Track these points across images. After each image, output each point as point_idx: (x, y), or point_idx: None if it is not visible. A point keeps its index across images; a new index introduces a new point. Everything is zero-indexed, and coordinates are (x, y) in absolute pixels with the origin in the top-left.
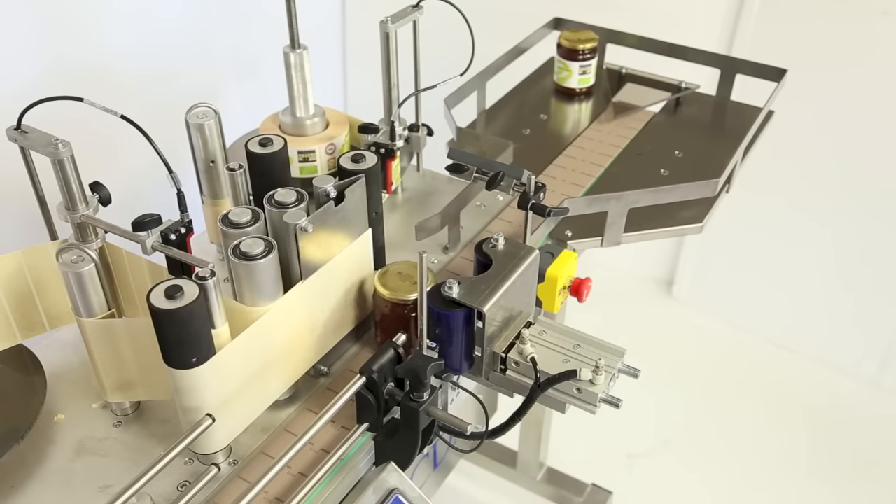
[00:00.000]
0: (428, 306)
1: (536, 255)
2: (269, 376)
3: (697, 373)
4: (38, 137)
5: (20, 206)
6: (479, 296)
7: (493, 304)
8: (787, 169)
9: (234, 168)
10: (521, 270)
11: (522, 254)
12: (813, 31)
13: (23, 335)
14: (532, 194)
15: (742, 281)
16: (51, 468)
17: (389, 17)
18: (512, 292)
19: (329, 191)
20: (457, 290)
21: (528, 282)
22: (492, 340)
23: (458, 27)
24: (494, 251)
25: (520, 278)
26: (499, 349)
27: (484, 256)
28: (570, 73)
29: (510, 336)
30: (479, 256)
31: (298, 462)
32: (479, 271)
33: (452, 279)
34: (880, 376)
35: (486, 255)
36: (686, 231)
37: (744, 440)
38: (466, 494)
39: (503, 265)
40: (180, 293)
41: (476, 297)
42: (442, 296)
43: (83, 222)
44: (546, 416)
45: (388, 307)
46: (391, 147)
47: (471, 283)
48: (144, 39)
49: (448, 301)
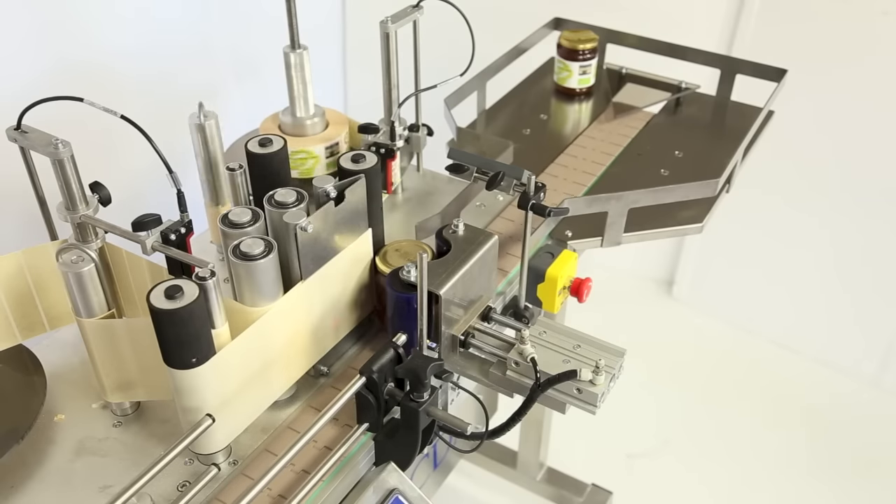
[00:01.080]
0: (388, 290)
1: (495, 241)
2: (270, 376)
3: (697, 373)
4: (38, 137)
5: (20, 206)
6: (435, 279)
7: (450, 287)
8: (787, 169)
9: (234, 168)
10: (480, 255)
11: (481, 239)
12: (813, 31)
13: (23, 335)
14: (532, 194)
15: (742, 281)
16: (51, 468)
17: (389, 17)
18: (470, 276)
19: (329, 191)
20: (414, 274)
21: (487, 266)
22: (451, 323)
23: (458, 27)
24: (454, 236)
25: (478, 263)
26: (458, 332)
27: (444, 241)
28: (570, 73)
29: (469, 319)
30: (438, 241)
31: (299, 462)
32: (438, 256)
33: (410, 263)
34: (880, 376)
35: (446, 241)
36: (686, 231)
37: (744, 440)
38: (466, 494)
39: (462, 250)
40: (180, 293)
41: (433, 280)
42: (401, 279)
43: (83, 222)
44: (546, 416)
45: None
46: (391, 147)
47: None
48: (144, 39)
49: (407, 284)
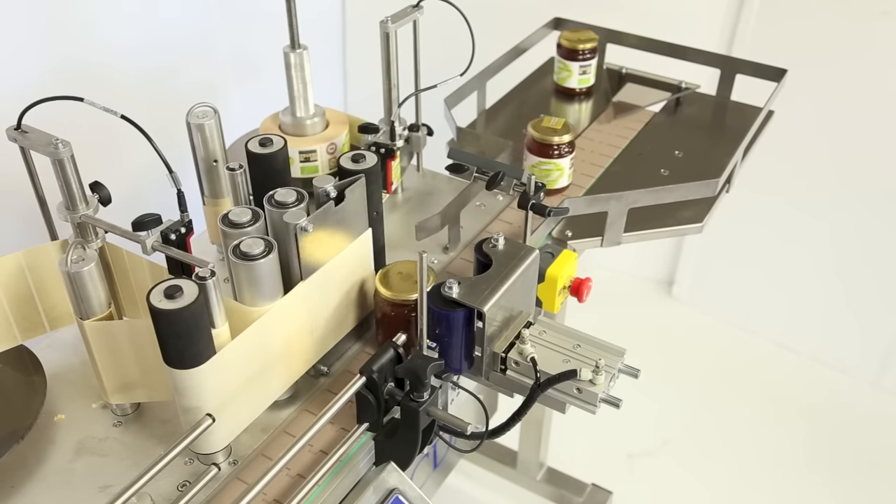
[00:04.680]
0: (428, 306)
1: (536, 255)
2: (269, 376)
3: (697, 373)
4: (39, 137)
5: (20, 206)
6: (479, 296)
7: (494, 303)
8: (787, 169)
9: (235, 168)
10: (522, 270)
11: (522, 254)
12: (813, 30)
13: (23, 336)
14: (532, 194)
15: (742, 281)
16: (51, 468)
17: (389, 17)
18: (512, 292)
19: (329, 191)
20: (457, 290)
21: (528, 282)
22: (492, 340)
23: (458, 27)
24: (494, 251)
25: (520, 278)
26: (499, 349)
27: (484, 256)
28: (570, 73)
29: (510, 336)
30: (479, 256)
31: (297, 463)
32: (480, 271)
33: (453, 279)
34: (880, 376)
35: (486, 255)
36: (686, 231)
37: (744, 440)
38: (466, 494)
39: (503, 265)
40: (180, 293)
41: (476, 297)
42: (442, 296)
43: (83, 222)
44: (546, 416)
45: (389, 307)
46: (391, 147)
47: (471, 284)
48: (144, 39)
49: (448, 301)
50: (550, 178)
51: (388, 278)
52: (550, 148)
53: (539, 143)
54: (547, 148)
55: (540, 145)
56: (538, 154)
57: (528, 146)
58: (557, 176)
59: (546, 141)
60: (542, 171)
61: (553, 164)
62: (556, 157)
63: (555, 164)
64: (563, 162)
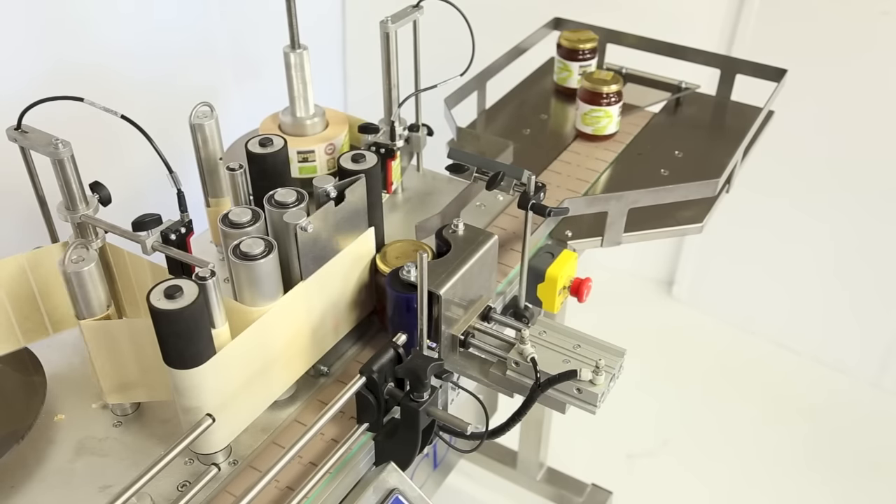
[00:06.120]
0: (388, 290)
1: (495, 240)
2: (270, 376)
3: (697, 373)
4: (38, 137)
5: (20, 207)
6: (435, 279)
7: (450, 287)
8: (787, 169)
9: (235, 168)
10: (480, 255)
11: (481, 239)
12: (813, 30)
13: (26, 339)
14: (532, 194)
15: (742, 281)
16: (51, 468)
17: (389, 17)
18: (469, 276)
19: (329, 191)
20: (414, 273)
21: (487, 266)
22: (451, 323)
23: (458, 27)
24: (454, 236)
25: (478, 263)
26: (458, 332)
27: (443, 241)
28: (570, 73)
29: (469, 319)
30: (438, 241)
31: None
32: (438, 256)
33: (411, 262)
34: (880, 376)
35: (446, 240)
36: (686, 231)
37: (744, 440)
38: (466, 494)
39: (462, 250)
40: (180, 293)
41: (433, 280)
42: (401, 279)
43: (83, 222)
44: (546, 416)
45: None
46: (391, 147)
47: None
48: (144, 39)
49: (407, 284)
50: (600, 124)
51: (387, 257)
52: (601, 96)
53: (590, 91)
54: (597, 96)
55: (591, 94)
56: (589, 102)
57: (581, 95)
58: (607, 123)
59: (597, 90)
60: (592, 118)
61: (603, 112)
62: (606, 104)
63: (604, 111)
64: (612, 109)
